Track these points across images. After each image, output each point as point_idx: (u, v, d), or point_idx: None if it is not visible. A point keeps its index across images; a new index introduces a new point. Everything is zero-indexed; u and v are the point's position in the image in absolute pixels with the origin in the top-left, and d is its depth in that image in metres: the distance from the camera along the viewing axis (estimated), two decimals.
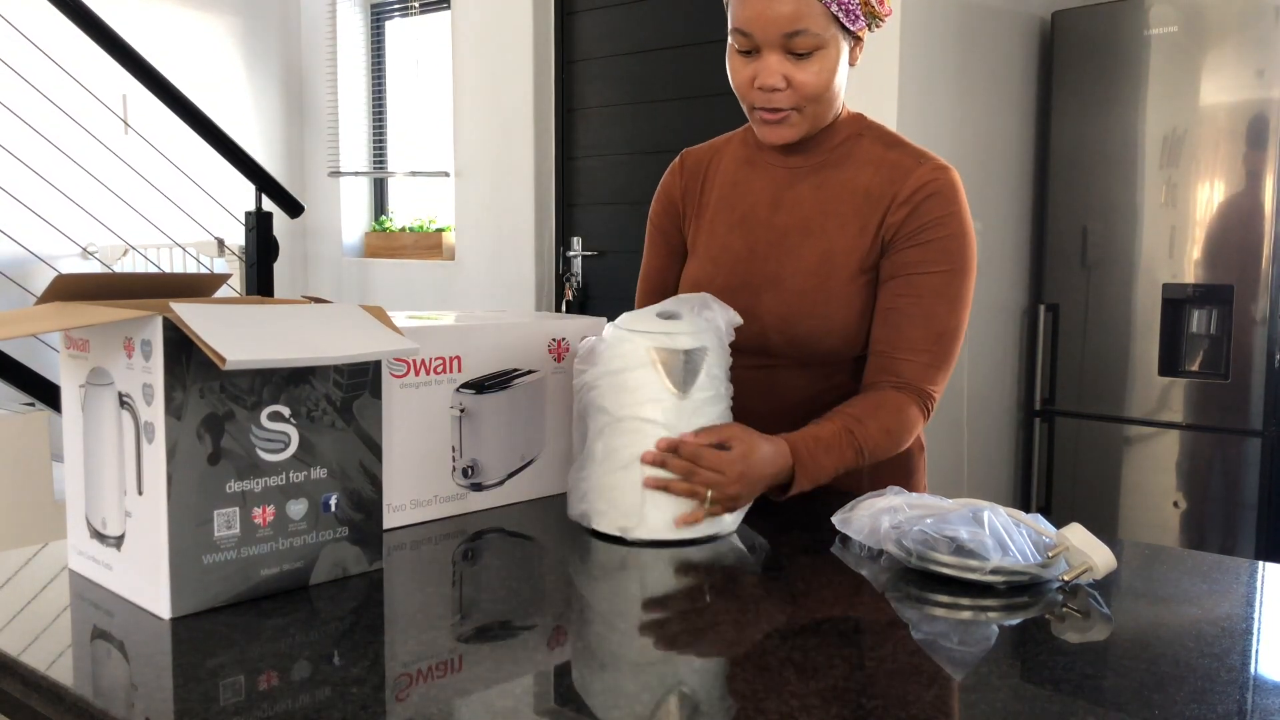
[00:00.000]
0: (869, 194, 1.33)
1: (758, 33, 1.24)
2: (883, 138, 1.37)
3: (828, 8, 1.22)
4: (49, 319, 0.88)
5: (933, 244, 1.30)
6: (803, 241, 1.35)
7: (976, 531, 0.98)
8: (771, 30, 1.23)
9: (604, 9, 3.80)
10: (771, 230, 1.38)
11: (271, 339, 0.88)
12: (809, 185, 1.37)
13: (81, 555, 0.97)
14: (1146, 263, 3.01)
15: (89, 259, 4.16)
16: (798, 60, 1.25)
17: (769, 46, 1.25)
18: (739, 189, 1.42)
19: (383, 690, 0.74)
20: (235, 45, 4.74)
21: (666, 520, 1.10)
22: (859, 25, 1.26)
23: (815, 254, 1.34)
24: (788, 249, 1.36)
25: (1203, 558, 1.09)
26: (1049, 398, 3.25)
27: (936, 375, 1.32)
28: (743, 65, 1.28)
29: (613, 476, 1.12)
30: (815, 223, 1.35)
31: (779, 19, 1.22)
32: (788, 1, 1.22)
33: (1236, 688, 0.76)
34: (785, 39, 1.23)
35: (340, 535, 0.97)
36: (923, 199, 1.30)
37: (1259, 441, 2.84)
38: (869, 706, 0.72)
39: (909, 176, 1.31)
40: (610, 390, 1.13)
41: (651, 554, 1.07)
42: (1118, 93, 3.03)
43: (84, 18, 3.10)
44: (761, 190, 1.40)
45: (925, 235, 1.30)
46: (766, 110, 1.29)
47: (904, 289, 1.31)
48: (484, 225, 4.14)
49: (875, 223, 1.32)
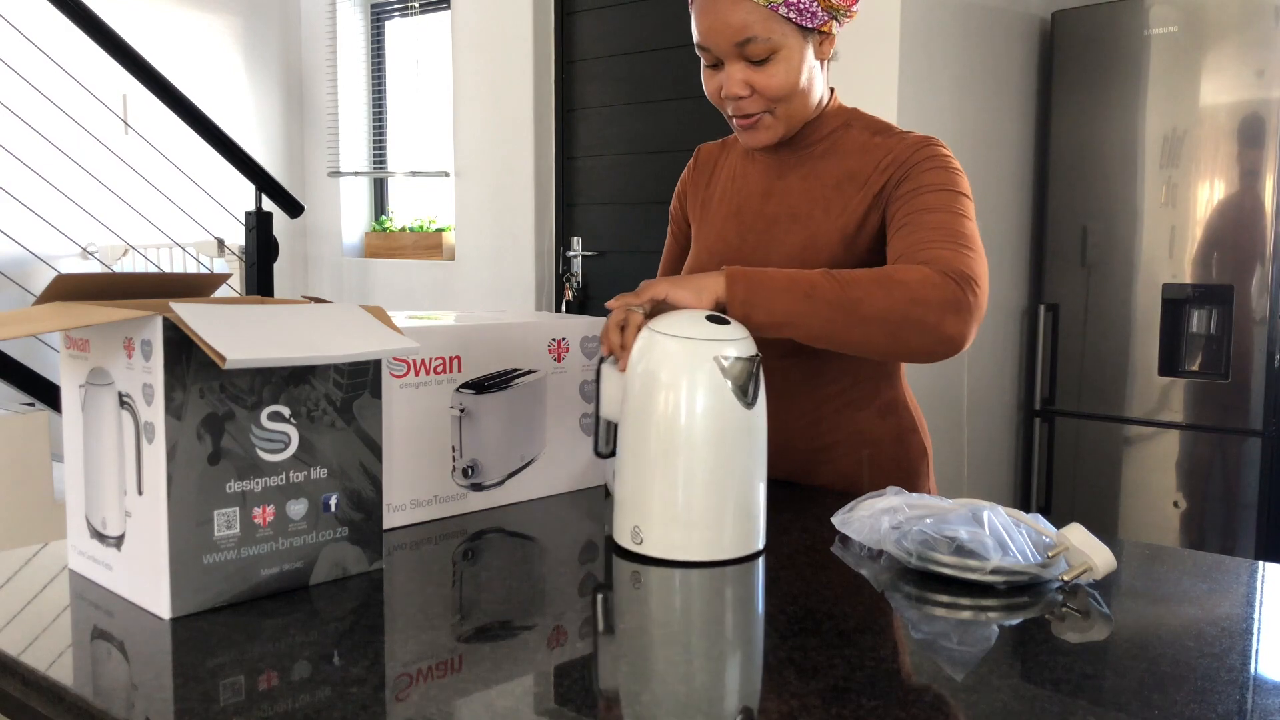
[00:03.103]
0: (853, 176, 1.34)
1: (713, 46, 1.27)
2: (870, 125, 1.38)
3: (774, 11, 1.24)
4: (49, 319, 0.88)
5: (928, 173, 1.28)
6: (789, 229, 1.38)
7: (976, 531, 0.98)
8: (723, 42, 1.26)
9: (604, 9, 3.80)
10: (761, 219, 1.41)
11: (271, 338, 0.88)
12: (797, 175, 1.39)
13: (81, 555, 0.97)
14: (1146, 263, 3.01)
15: (89, 259, 4.17)
16: (757, 66, 1.27)
17: (727, 57, 1.28)
18: (737, 182, 1.46)
19: (383, 690, 0.74)
20: (235, 45, 4.74)
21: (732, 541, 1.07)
22: (818, 21, 1.26)
23: (799, 241, 1.36)
24: (774, 237, 1.39)
25: (1203, 558, 1.09)
26: (1049, 398, 3.25)
27: (953, 256, 1.17)
28: (710, 77, 1.33)
29: (687, 498, 1.05)
30: (802, 210, 1.37)
31: (727, 30, 1.25)
32: (734, 12, 1.24)
33: (1236, 688, 0.76)
34: (738, 48, 1.26)
35: (340, 535, 0.97)
36: (910, 154, 1.31)
37: (1259, 441, 2.84)
38: (869, 706, 0.72)
39: (894, 147, 1.32)
40: (676, 404, 1.04)
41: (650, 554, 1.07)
42: (1118, 93, 3.03)
43: (84, 18, 3.10)
44: (756, 182, 1.43)
45: (919, 172, 1.29)
46: (739, 117, 1.33)
47: (907, 210, 1.27)
48: (484, 225, 4.15)
49: (860, 198, 1.32)
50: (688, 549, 1.04)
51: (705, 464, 1.04)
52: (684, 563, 1.04)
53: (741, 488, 1.06)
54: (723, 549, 1.05)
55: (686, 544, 1.04)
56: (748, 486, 1.06)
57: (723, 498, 1.05)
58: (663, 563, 1.04)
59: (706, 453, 1.04)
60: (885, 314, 1.12)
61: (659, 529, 1.05)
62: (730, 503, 1.05)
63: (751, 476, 1.06)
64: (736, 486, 1.05)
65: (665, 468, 1.05)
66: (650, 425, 1.05)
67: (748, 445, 1.06)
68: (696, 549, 1.05)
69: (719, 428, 1.04)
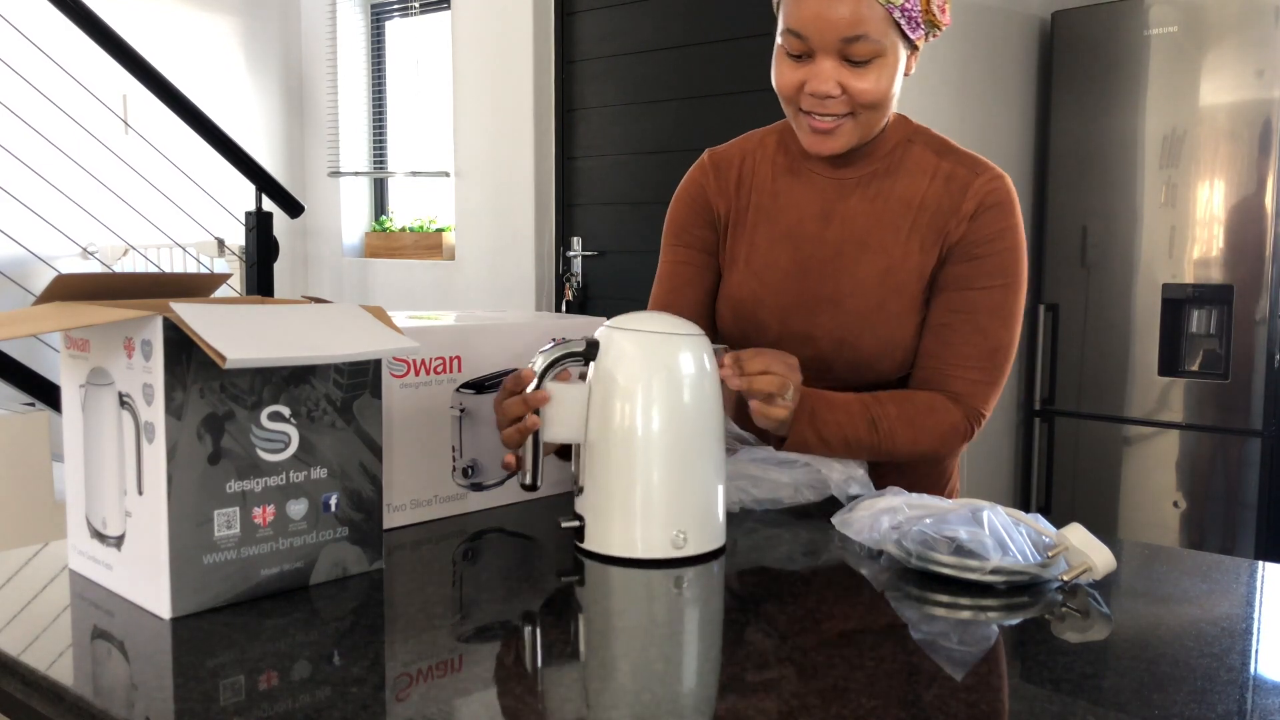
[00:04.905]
0: (925, 206, 1.27)
1: (813, 36, 1.17)
2: (932, 143, 1.31)
3: (890, 13, 1.15)
4: (49, 319, 0.88)
5: (988, 259, 1.25)
6: (860, 257, 1.29)
7: (976, 531, 0.98)
8: (829, 34, 1.16)
9: (604, 9, 3.81)
10: (824, 245, 1.30)
11: (271, 338, 0.88)
12: (861, 197, 1.30)
13: (81, 555, 0.97)
14: (1146, 263, 3.01)
15: (89, 259, 4.17)
16: (854, 67, 1.18)
17: (824, 51, 1.17)
18: (780, 200, 1.34)
19: (383, 690, 0.74)
20: (235, 45, 4.74)
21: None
22: (918, 34, 1.20)
23: (874, 270, 1.28)
24: (843, 266, 1.29)
25: (1202, 558, 1.09)
26: (1049, 398, 3.25)
27: (988, 392, 1.27)
28: (792, 69, 1.21)
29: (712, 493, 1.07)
30: (872, 236, 1.28)
31: (839, 22, 1.15)
32: (848, 3, 1.14)
33: (1236, 688, 0.76)
34: (843, 44, 1.16)
35: (340, 535, 0.97)
36: (982, 212, 1.25)
37: (1259, 441, 2.84)
38: (869, 706, 0.72)
39: (967, 190, 1.26)
40: (688, 395, 1.05)
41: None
42: (1118, 93, 3.03)
43: (84, 17, 3.10)
44: (808, 202, 1.32)
45: (981, 250, 1.25)
46: (816, 118, 1.22)
47: (958, 304, 1.26)
48: (484, 225, 4.15)
49: (934, 236, 1.27)
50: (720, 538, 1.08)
51: (717, 450, 1.07)
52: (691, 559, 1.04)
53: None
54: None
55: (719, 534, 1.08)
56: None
57: (718, 482, 1.08)
58: (684, 561, 1.04)
59: (716, 440, 1.07)
60: (908, 455, 1.24)
61: (696, 529, 1.04)
62: (721, 486, 1.09)
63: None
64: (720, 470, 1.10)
65: (701, 461, 1.05)
66: (675, 420, 1.04)
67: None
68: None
69: (716, 412, 1.07)
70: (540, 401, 1.04)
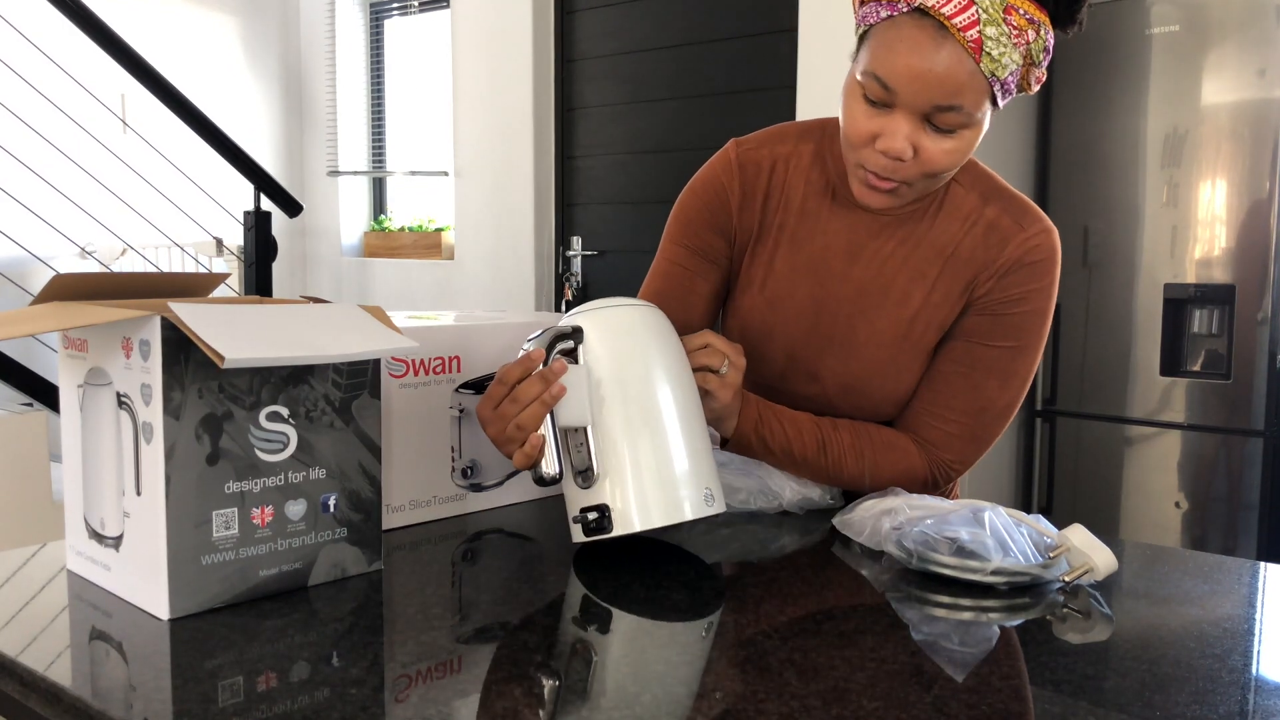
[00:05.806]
0: (958, 255, 1.19)
1: (903, 92, 1.04)
2: (978, 185, 1.21)
3: (991, 86, 1.04)
4: (47, 319, 0.88)
5: (1008, 318, 1.19)
6: (881, 303, 1.22)
7: (977, 532, 0.98)
8: (922, 96, 1.04)
9: (604, 9, 3.80)
10: (846, 284, 1.23)
11: (270, 338, 0.88)
12: (895, 239, 1.21)
13: (80, 556, 0.97)
14: (1148, 262, 3.01)
15: (87, 259, 4.16)
16: (935, 133, 1.06)
17: (913, 112, 1.05)
18: (809, 223, 1.24)
19: (382, 691, 0.74)
20: (235, 45, 4.74)
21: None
22: (1006, 100, 1.08)
23: (893, 321, 1.21)
24: (862, 310, 1.22)
25: (1204, 558, 1.09)
26: (1050, 398, 3.25)
27: (964, 448, 1.22)
28: (867, 117, 1.08)
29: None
30: (897, 283, 1.21)
31: (935, 87, 1.03)
32: (955, 69, 1.02)
33: (1238, 688, 0.76)
34: (934, 109, 1.04)
35: (339, 536, 0.96)
36: (1018, 269, 1.18)
37: (1260, 442, 2.84)
38: (869, 707, 0.72)
39: (1008, 243, 1.18)
40: (680, 358, 1.10)
41: (651, 554, 1.07)
42: (1119, 92, 3.03)
43: (83, 17, 3.10)
44: (837, 233, 1.23)
45: (1004, 308, 1.19)
46: (877, 175, 1.11)
47: (960, 355, 1.21)
48: (484, 225, 4.14)
49: (961, 288, 1.20)
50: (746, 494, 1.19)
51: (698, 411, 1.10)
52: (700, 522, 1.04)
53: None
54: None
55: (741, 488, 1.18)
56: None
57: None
58: (714, 520, 1.03)
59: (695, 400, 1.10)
60: (855, 486, 1.23)
61: (716, 486, 1.08)
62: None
63: None
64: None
65: (702, 419, 1.08)
66: (682, 381, 1.07)
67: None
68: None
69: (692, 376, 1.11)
70: (562, 371, 1.00)
